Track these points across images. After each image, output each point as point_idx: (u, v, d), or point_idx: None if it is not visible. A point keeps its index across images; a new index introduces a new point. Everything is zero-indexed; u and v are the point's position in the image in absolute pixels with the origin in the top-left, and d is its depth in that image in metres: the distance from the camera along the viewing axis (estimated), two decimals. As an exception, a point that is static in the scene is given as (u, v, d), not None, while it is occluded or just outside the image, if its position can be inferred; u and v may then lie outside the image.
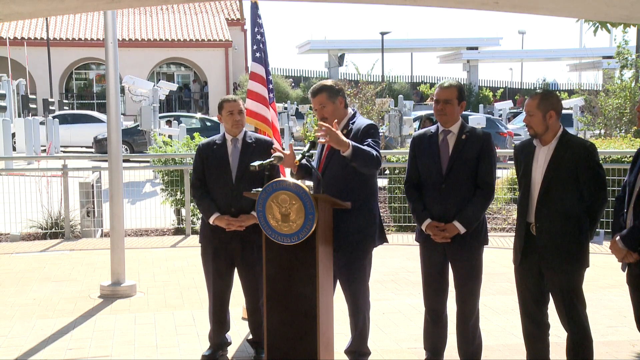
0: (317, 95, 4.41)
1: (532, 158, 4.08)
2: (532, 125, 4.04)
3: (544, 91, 4.14)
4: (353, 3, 6.47)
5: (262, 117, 5.87)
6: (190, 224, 9.63)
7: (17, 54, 32.35)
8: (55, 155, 18.79)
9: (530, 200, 4.07)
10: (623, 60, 17.91)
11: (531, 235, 4.07)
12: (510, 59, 51.01)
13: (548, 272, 4.04)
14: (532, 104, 4.03)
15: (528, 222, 4.09)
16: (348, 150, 4.07)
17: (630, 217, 3.81)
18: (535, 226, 4.03)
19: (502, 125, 22.27)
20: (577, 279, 4.05)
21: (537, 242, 4.03)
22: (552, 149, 4.02)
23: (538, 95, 4.06)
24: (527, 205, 4.09)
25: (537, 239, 4.02)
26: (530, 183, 4.08)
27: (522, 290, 4.21)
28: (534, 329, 4.23)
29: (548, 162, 4.00)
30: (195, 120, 25.26)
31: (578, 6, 4.79)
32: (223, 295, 4.87)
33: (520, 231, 4.15)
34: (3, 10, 4.52)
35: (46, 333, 5.50)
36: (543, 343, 4.25)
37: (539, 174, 4.03)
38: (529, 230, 4.08)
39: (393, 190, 10.18)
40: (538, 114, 4.00)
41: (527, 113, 4.04)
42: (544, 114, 3.99)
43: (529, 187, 4.08)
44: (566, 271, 4.01)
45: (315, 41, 45.41)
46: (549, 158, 4.01)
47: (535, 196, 4.04)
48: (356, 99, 17.70)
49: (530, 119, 4.03)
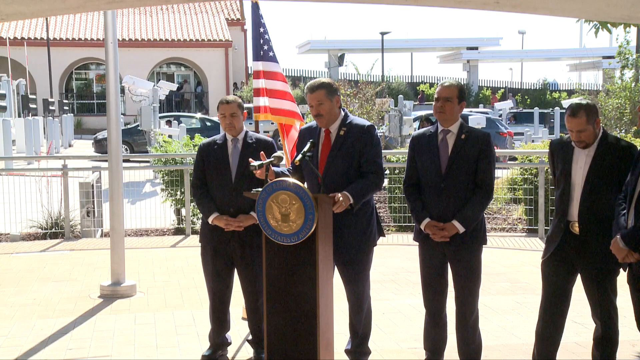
0: (316, 92, 4.37)
1: (572, 158, 4.10)
2: (584, 140, 4.02)
3: (582, 104, 4.03)
4: (353, 3, 6.46)
5: (296, 114, 6.03)
6: (190, 224, 9.63)
7: (17, 54, 32.33)
8: (55, 155, 18.80)
9: (571, 199, 4.10)
10: (624, 60, 17.91)
11: (570, 232, 4.10)
12: (510, 59, 51.03)
13: (586, 270, 4.07)
14: (580, 121, 3.97)
15: (568, 220, 4.12)
16: (354, 204, 4.17)
17: (631, 217, 3.81)
18: (579, 226, 4.05)
19: (502, 125, 22.28)
20: (614, 278, 4.10)
21: (579, 240, 4.05)
22: (593, 150, 4.04)
23: (580, 110, 3.96)
24: (567, 204, 4.11)
25: (580, 237, 4.05)
26: (570, 183, 4.10)
27: (548, 285, 4.23)
28: (549, 328, 4.24)
29: (590, 164, 4.02)
30: (195, 120, 25.26)
31: (578, 6, 4.79)
32: (222, 295, 4.87)
33: (558, 229, 4.16)
34: (5, 10, 4.52)
35: (46, 333, 5.50)
36: (554, 343, 4.26)
37: (580, 175, 4.05)
38: (568, 227, 4.11)
39: (393, 190, 10.18)
40: (589, 128, 3.99)
41: (579, 131, 3.98)
42: (593, 125, 4.00)
43: (569, 187, 4.10)
44: (607, 271, 4.04)
45: (315, 41, 45.43)
46: (590, 160, 4.03)
47: (576, 196, 4.07)
48: (356, 99, 17.70)
49: (582, 135, 4.00)
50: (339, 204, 4.06)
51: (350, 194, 4.15)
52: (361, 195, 4.22)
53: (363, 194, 4.24)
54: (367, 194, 4.29)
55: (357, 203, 4.20)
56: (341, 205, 4.08)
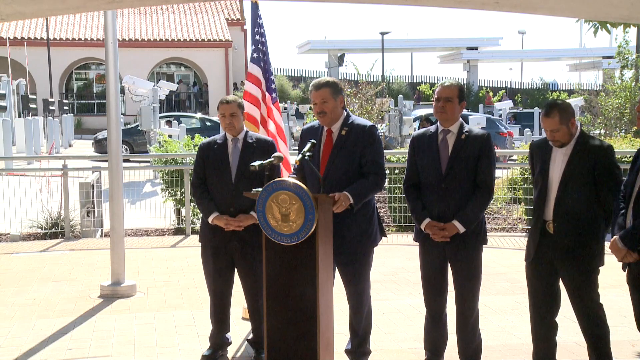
0: (321, 89, 4.37)
1: (550, 157, 4.11)
2: (559, 139, 4.04)
3: (555, 104, 4.06)
4: (353, 3, 6.47)
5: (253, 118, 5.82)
6: (190, 224, 9.63)
7: (17, 54, 32.33)
8: (56, 155, 18.80)
9: (547, 199, 4.11)
10: (623, 60, 17.92)
11: (547, 232, 4.11)
12: (510, 59, 51.06)
13: (564, 269, 4.07)
14: (553, 121, 3.99)
15: (545, 220, 4.12)
16: (354, 204, 4.16)
17: (629, 217, 3.81)
18: (553, 225, 4.06)
19: (502, 125, 22.30)
20: (593, 277, 4.09)
21: (554, 240, 4.06)
22: (570, 149, 4.05)
23: (553, 110, 3.99)
24: (544, 203, 4.12)
25: (555, 237, 4.05)
26: (547, 182, 4.11)
27: (533, 288, 4.24)
28: (542, 328, 4.24)
29: (566, 162, 4.03)
30: (195, 120, 25.26)
31: (578, 6, 4.79)
32: (223, 295, 4.87)
33: (535, 228, 4.18)
34: (5, 10, 4.53)
35: (46, 333, 5.50)
36: (549, 343, 4.26)
37: (557, 174, 4.06)
38: (544, 227, 4.12)
39: (393, 190, 10.18)
40: (563, 128, 4.01)
41: (552, 131, 4.01)
42: (567, 124, 4.01)
43: (546, 186, 4.11)
44: (583, 270, 4.04)
45: (315, 41, 45.46)
46: (567, 159, 4.04)
47: (552, 195, 4.07)
48: (356, 99, 17.71)
49: (556, 135, 4.02)
50: (339, 204, 4.06)
51: (350, 194, 4.15)
52: (361, 196, 4.23)
53: (363, 194, 4.24)
54: (367, 194, 4.29)
55: (357, 203, 4.20)
56: (341, 205, 4.08)
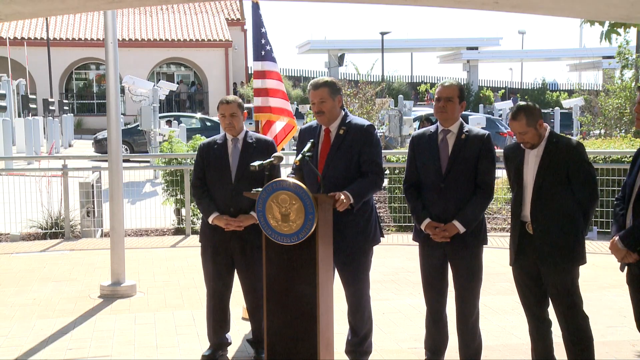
0: (319, 89, 4.37)
1: (523, 160, 4.14)
2: (528, 141, 4.07)
3: (521, 107, 4.09)
4: (353, 3, 6.47)
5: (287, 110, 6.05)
6: (190, 224, 9.63)
7: (17, 54, 32.32)
8: (56, 155, 18.79)
9: (524, 200, 4.12)
10: (624, 60, 17.91)
11: (526, 234, 4.12)
12: (510, 59, 51.05)
13: (545, 269, 4.08)
14: (520, 124, 4.03)
15: (523, 222, 4.14)
16: (354, 204, 4.16)
17: (629, 217, 3.81)
18: (532, 225, 4.07)
19: (502, 125, 22.29)
20: (574, 275, 4.10)
21: (534, 241, 4.07)
22: (541, 150, 4.08)
23: (520, 113, 4.03)
24: (520, 205, 4.14)
25: (535, 237, 4.06)
26: (522, 184, 4.13)
27: (521, 289, 4.26)
28: (537, 327, 4.25)
29: (539, 163, 4.06)
30: (195, 120, 25.26)
31: (578, 6, 4.79)
32: (222, 295, 4.87)
33: (514, 231, 4.20)
34: (4, 10, 4.52)
35: (46, 333, 5.50)
36: (545, 341, 4.26)
37: (531, 175, 4.09)
38: (523, 229, 4.13)
39: (393, 190, 10.18)
40: (530, 130, 4.03)
41: (520, 133, 4.04)
42: (535, 126, 4.04)
43: (522, 188, 4.13)
44: (563, 268, 4.05)
45: (315, 41, 45.44)
46: (539, 160, 4.07)
47: (528, 197, 4.09)
48: (356, 99, 17.71)
49: (525, 137, 4.06)
50: (340, 202, 4.06)
51: (350, 193, 4.15)
52: (361, 195, 4.23)
53: (363, 194, 4.25)
54: (366, 193, 4.29)
55: (357, 203, 4.20)
56: (343, 204, 4.08)
